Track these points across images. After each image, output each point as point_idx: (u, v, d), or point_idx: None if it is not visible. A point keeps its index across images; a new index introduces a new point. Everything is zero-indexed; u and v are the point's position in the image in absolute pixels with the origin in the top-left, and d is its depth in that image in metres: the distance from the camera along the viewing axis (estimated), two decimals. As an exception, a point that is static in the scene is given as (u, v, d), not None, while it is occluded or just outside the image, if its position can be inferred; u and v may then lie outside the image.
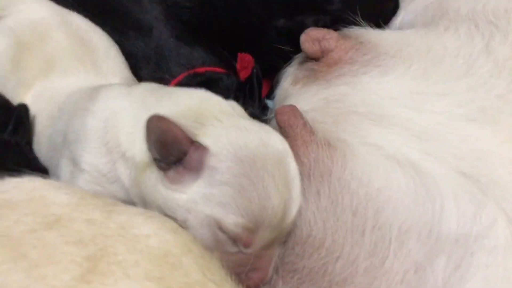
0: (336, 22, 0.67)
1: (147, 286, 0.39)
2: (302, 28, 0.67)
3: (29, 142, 0.63)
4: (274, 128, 0.55)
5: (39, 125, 0.67)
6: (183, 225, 0.48)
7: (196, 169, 0.48)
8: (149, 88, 0.59)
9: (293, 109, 0.57)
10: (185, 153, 0.48)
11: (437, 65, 0.59)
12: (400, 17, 0.72)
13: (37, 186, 0.44)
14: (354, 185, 0.53)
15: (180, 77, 0.73)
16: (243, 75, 0.76)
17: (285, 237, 0.53)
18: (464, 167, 0.52)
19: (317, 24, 0.68)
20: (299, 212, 0.52)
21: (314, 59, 0.66)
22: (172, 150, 0.48)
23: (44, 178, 0.47)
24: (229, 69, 0.75)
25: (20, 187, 0.44)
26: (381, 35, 0.64)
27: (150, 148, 0.49)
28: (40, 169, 0.59)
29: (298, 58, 0.69)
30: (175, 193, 0.49)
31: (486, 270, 0.47)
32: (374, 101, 0.58)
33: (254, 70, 0.70)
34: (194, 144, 0.48)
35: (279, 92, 0.69)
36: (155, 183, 0.50)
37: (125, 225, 0.43)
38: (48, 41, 0.71)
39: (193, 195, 0.48)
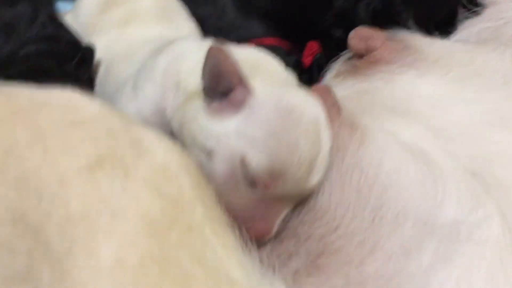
0: (388, 11, 0.69)
1: (139, 185, 0.44)
2: (355, 11, 0.69)
3: (90, 79, 0.70)
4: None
5: (106, 70, 0.73)
6: (207, 157, 0.51)
7: (238, 106, 0.51)
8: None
9: (327, 88, 0.61)
10: (232, 88, 0.51)
11: (474, 77, 0.61)
12: (454, 38, 0.73)
13: (75, 96, 0.50)
14: (365, 164, 0.55)
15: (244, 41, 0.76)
16: (307, 62, 0.80)
17: (299, 200, 0.54)
18: (474, 166, 0.53)
19: (368, 7, 0.70)
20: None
21: (358, 56, 0.69)
22: (222, 82, 0.51)
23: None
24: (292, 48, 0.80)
25: (61, 94, 0.50)
26: (427, 41, 0.66)
27: (203, 76, 0.52)
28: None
29: (343, 56, 0.72)
30: (212, 123, 0.52)
31: (471, 261, 0.48)
32: (403, 97, 0.60)
33: (317, 56, 0.74)
34: (243, 82, 0.51)
35: (323, 83, 0.72)
36: (197, 111, 0.53)
37: (139, 139, 0.48)
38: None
39: (227, 128, 0.51)
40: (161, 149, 0.48)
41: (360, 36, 0.68)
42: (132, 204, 0.44)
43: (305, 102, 0.53)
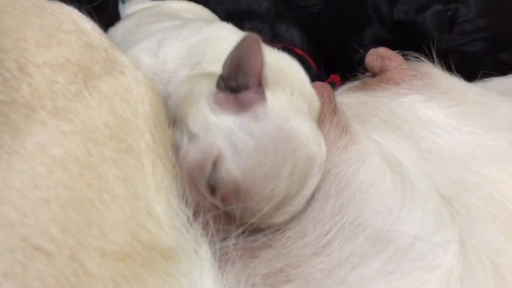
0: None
1: (95, 96, 0.44)
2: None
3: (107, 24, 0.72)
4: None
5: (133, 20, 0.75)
6: (189, 139, 0.48)
7: (243, 107, 0.47)
8: None
9: (327, 86, 0.59)
10: (247, 87, 0.48)
11: (479, 115, 0.58)
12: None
13: (75, 12, 0.51)
14: (343, 169, 0.52)
15: (277, 45, 0.76)
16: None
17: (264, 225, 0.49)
18: (448, 191, 0.50)
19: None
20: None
21: (372, 74, 0.67)
22: (242, 76, 0.48)
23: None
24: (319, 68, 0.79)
25: (63, 6, 0.51)
26: (445, 75, 0.63)
27: (226, 62, 0.48)
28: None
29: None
30: (210, 111, 0.48)
31: (413, 284, 0.43)
32: (400, 114, 0.58)
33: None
34: (260, 86, 0.48)
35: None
36: (202, 94, 0.50)
37: (115, 61, 0.48)
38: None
39: (222, 122, 0.47)
40: (132, 76, 0.48)
41: (378, 54, 0.67)
42: (79, 109, 0.43)
43: (308, 138, 0.48)
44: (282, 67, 0.53)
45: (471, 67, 0.71)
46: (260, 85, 0.48)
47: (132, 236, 0.39)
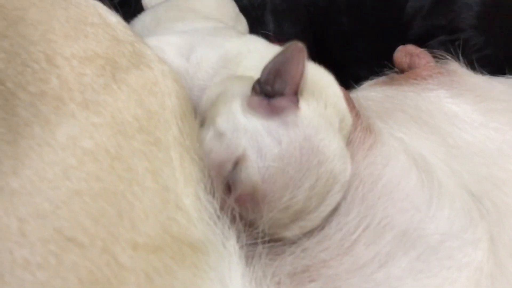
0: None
1: (123, 89, 0.44)
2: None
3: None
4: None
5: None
6: (216, 136, 0.48)
7: (275, 112, 0.47)
8: None
9: (346, 93, 0.59)
10: (282, 94, 0.48)
11: (506, 112, 0.57)
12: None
13: (99, 5, 0.51)
14: (368, 170, 0.52)
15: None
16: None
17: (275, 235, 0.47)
18: (477, 188, 0.49)
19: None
20: None
21: (400, 71, 0.67)
22: (279, 82, 0.48)
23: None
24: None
25: (88, 1, 0.51)
26: (473, 74, 0.63)
27: (266, 67, 0.48)
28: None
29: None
30: (240, 112, 0.48)
31: (442, 283, 0.43)
32: (427, 109, 0.57)
33: None
34: (297, 95, 0.47)
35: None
36: (235, 95, 0.50)
37: (141, 54, 0.48)
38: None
39: (250, 124, 0.47)
40: (158, 69, 0.48)
41: (407, 51, 0.67)
42: (108, 101, 0.43)
43: (335, 154, 0.47)
44: (318, 80, 0.52)
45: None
46: (295, 93, 0.47)
47: (163, 228, 0.39)
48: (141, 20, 0.74)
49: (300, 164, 0.45)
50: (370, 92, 0.63)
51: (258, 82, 0.49)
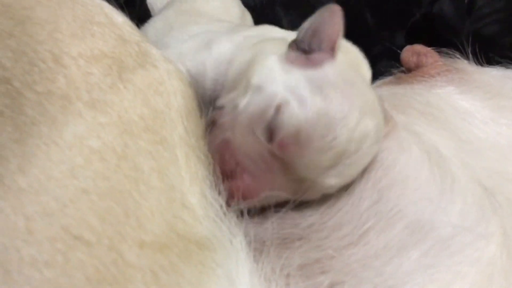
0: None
1: (129, 88, 0.44)
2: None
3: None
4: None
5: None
6: (251, 91, 0.49)
7: (313, 64, 0.49)
8: None
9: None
10: (321, 50, 0.49)
11: (516, 109, 0.57)
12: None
13: (106, 5, 0.51)
14: (381, 157, 0.51)
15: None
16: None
17: (300, 191, 0.48)
18: (489, 182, 0.49)
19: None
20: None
21: (407, 70, 0.67)
22: (318, 39, 0.49)
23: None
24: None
25: (94, 1, 0.51)
26: (480, 70, 0.63)
27: (303, 27, 0.50)
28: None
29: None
30: (279, 67, 0.49)
31: (453, 277, 0.42)
32: (437, 104, 0.57)
33: None
34: (334, 51, 0.49)
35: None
36: (270, 52, 0.51)
37: (147, 53, 0.48)
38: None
39: (288, 75, 0.48)
40: (164, 69, 0.48)
41: (414, 50, 0.67)
42: (115, 101, 0.43)
43: (374, 101, 0.49)
44: (349, 46, 0.56)
45: (487, 50, 0.69)
46: (333, 50, 0.49)
47: (169, 226, 0.39)
48: (153, 26, 0.74)
49: (341, 107, 0.46)
50: (378, 92, 0.62)
51: (295, 40, 0.51)
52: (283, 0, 0.93)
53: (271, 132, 0.46)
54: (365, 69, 0.57)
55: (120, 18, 0.51)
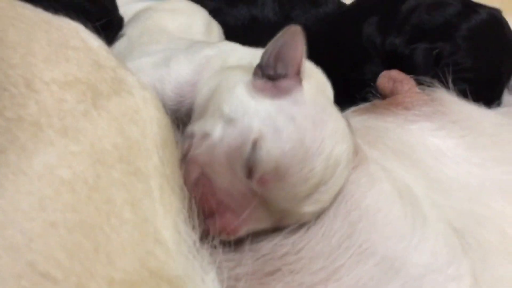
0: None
1: (103, 116, 0.42)
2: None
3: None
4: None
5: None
6: (225, 124, 0.48)
7: (282, 93, 0.49)
8: None
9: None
10: (286, 76, 0.49)
11: (490, 147, 0.57)
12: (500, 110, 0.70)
13: (81, 29, 0.50)
14: (349, 191, 0.51)
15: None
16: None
17: (280, 221, 0.48)
18: (459, 223, 0.49)
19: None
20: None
21: (382, 96, 0.67)
22: (281, 65, 0.50)
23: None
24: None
25: (69, 22, 0.50)
26: (458, 102, 0.63)
27: (266, 51, 0.50)
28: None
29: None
30: (247, 96, 0.49)
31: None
32: (409, 143, 0.57)
33: None
34: (299, 75, 0.49)
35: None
36: (237, 81, 0.51)
37: (122, 80, 0.47)
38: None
39: (260, 106, 0.48)
40: (140, 96, 0.47)
41: (390, 76, 0.67)
42: (88, 129, 0.42)
43: (344, 126, 0.50)
44: (311, 67, 0.56)
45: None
46: (299, 74, 0.49)
47: (140, 263, 0.38)
48: (117, 48, 0.73)
49: (315, 135, 0.46)
50: (351, 121, 0.62)
51: (259, 66, 0.51)
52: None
53: (249, 168, 0.46)
54: (329, 90, 0.57)
55: (96, 43, 0.50)
